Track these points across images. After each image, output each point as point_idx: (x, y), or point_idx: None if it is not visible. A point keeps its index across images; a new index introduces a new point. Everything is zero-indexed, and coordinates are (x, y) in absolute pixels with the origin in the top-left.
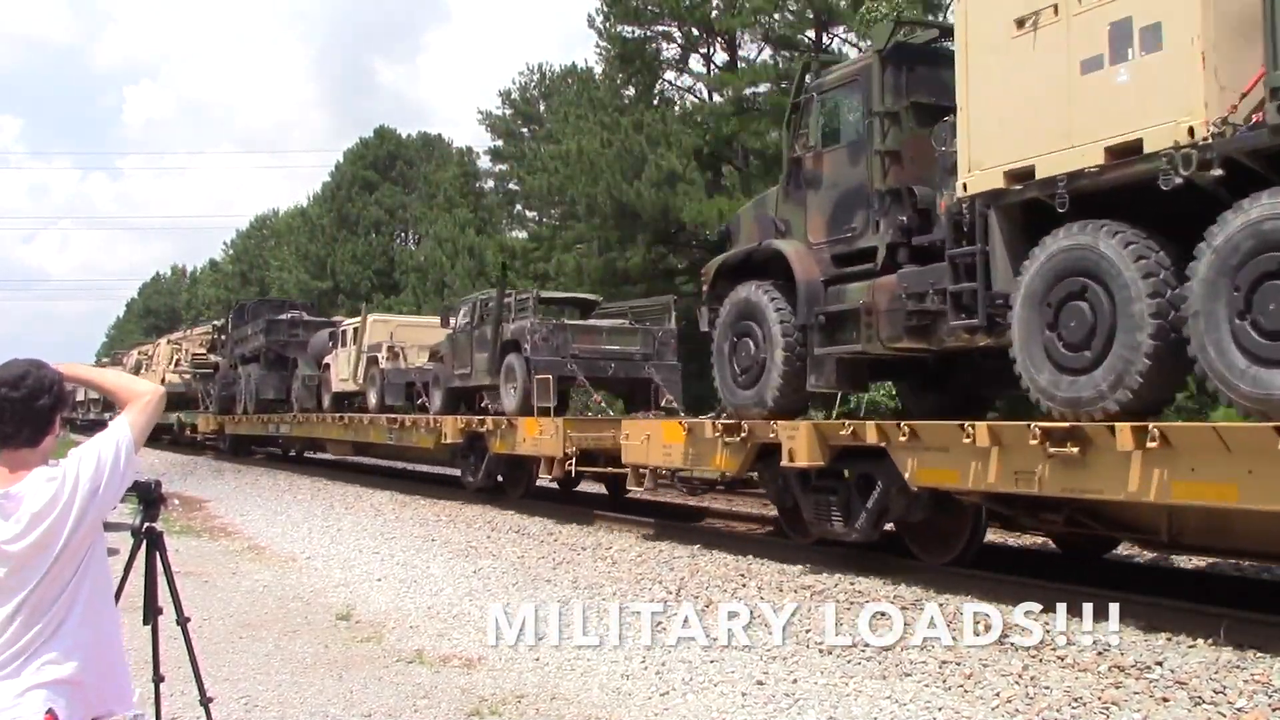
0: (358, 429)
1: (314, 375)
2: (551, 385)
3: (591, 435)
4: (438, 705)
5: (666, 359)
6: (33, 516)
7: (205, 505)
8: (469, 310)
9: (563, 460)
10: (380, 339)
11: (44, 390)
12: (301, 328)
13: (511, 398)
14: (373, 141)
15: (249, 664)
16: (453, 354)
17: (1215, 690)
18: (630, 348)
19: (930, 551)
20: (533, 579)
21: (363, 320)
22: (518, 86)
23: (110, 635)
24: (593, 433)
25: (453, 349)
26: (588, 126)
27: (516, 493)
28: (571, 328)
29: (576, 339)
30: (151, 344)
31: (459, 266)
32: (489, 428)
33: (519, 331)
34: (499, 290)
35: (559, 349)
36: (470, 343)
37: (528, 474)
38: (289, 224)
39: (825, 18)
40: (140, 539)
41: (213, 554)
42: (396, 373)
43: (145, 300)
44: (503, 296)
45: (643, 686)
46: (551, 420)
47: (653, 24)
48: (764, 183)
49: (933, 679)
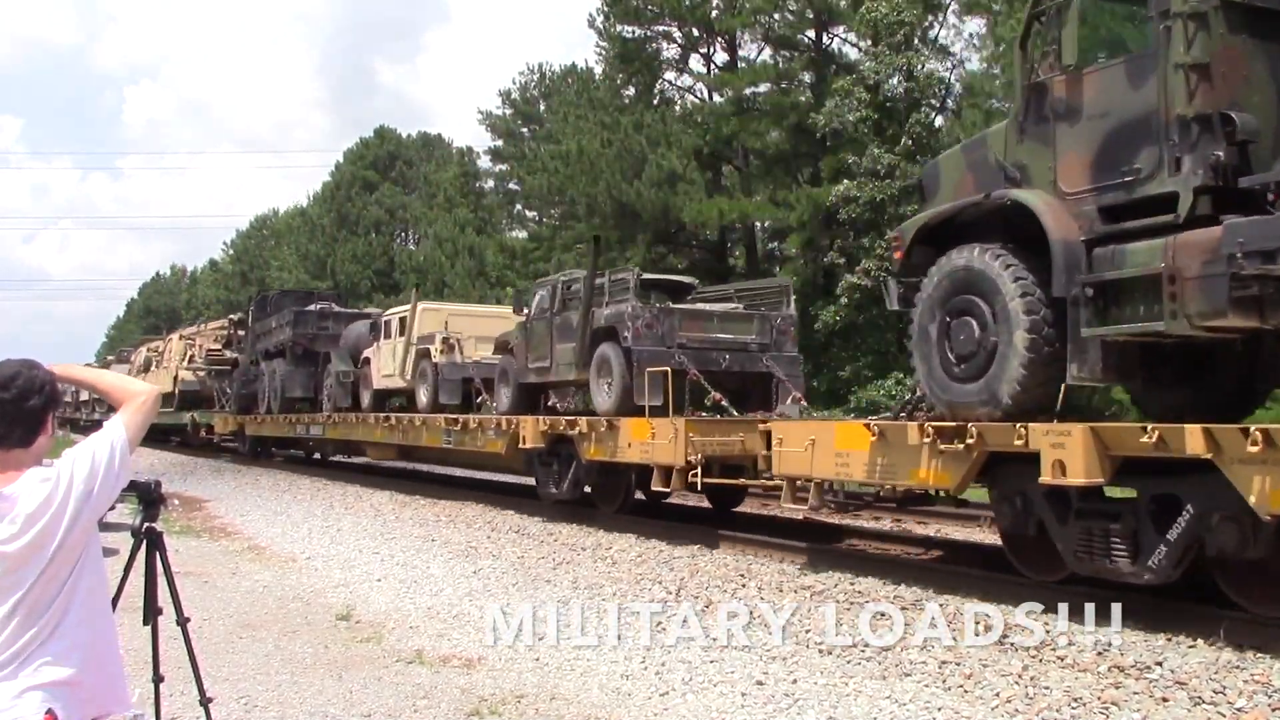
0: (407, 431)
1: (349, 371)
2: (665, 381)
3: (718, 440)
4: (438, 705)
5: (786, 349)
6: (27, 518)
7: (205, 505)
8: (548, 294)
9: (684, 470)
10: (433, 329)
11: (35, 390)
12: (331, 320)
13: (605, 395)
14: (373, 141)
15: (249, 664)
16: (526, 345)
17: (1215, 690)
18: (745, 336)
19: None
20: (533, 579)
21: (412, 309)
22: (518, 86)
23: (107, 636)
24: (719, 436)
25: (526, 339)
26: (588, 126)
27: (610, 506)
28: (679, 313)
29: (683, 326)
30: (161, 340)
31: (459, 266)
32: (581, 430)
33: (616, 317)
34: (589, 269)
35: (664, 338)
36: (550, 331)
37: (625, 485)
38: (289, 224)
39: (825, 18)
40: (140, 539)
41: (213, 554)
42: (452, 367)
43: (145, 300)
44: (594, 276)
45: (643, 686)
46: (669, 422)
47: (653, 24)
48: (764, 183)
49: (933, 679)
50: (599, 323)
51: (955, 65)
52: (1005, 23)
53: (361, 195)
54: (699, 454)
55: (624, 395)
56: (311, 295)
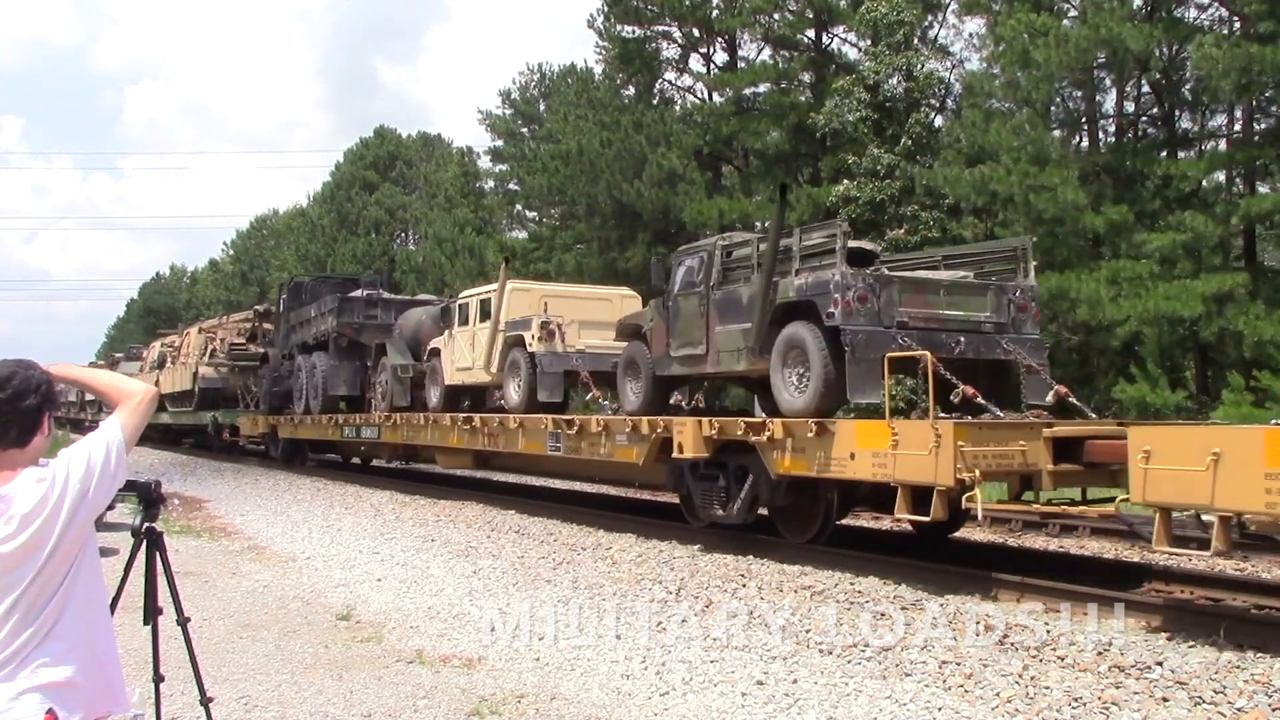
0: (495, 435)
1: (409, 365)
2: (883, 371)
3: (993, 451)
4: (438, 705)
5: (1027, 330)
6: (23, 518)
7: (205, 505)
8: (699, 263)
9: (948, 493)
10: (526, 313)
11: (31, 390)
12: (380, 307)
13: (793, 390)
14: (373, 141)
15: (249, 664)
16: (666, 328)
17: (1215, 690)
18: (978, 314)
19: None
20: (533, 579)
21: (500, 288)
22: (518, 86)
23: (105, 636)
24: (994, 446)
25: (667, 321)
26: (588, 126)
27: (801, 535)
28: (899, 283)
29: (905, 300)
30: (177, 334)
31: (459, 266)
32: (772, 435)
33: (816, 288)
34: (774, 226)
35: (880, 315)
36: (704, 310)
37: (824, 506)
38: (289, 224)
39: (825, 18)
40: (140, 539)
41: (213, 554)
42: (553, 358)
43: (145, 300)
44: (780, 235)
45: (643, 686)
46: (927, 426)
47: (653, 24)
48: (764, 183)
49: (933, 679)
50: (787, 296)
51: (955, 65)
52: (1005, 23)
53: (361, 195)
54: (974, 470)
55: (826, 390)
56: (354, 281)
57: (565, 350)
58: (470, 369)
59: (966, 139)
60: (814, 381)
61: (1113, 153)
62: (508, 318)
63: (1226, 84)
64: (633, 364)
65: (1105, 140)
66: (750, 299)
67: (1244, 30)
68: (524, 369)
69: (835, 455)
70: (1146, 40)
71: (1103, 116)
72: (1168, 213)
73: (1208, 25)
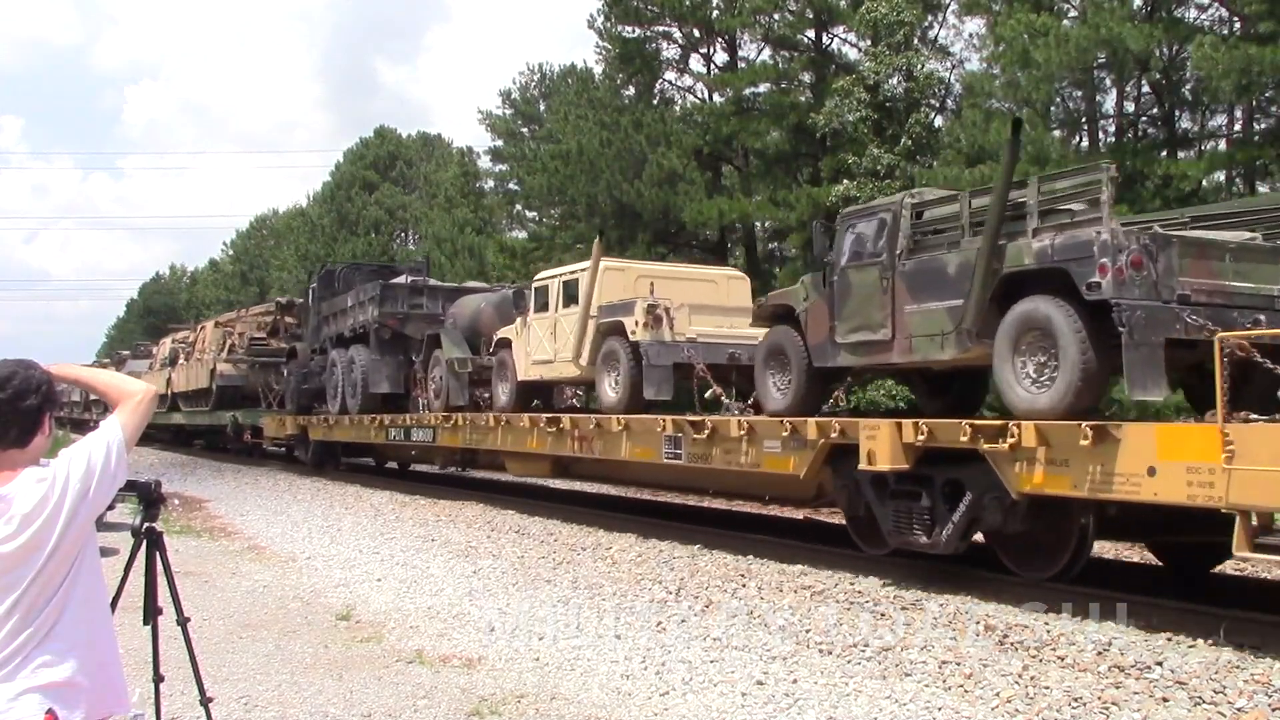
0: (587, 440)
1: (468, 359)
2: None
3: None
4: (438, 705)
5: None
6: (23, 518)
7: (205, 505)
8: (875, 229)
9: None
10: (624, 296)
11: (31, 390)
12: (425, 296)
13: (1027, 385)
14: (373, 141)
15: (249, 664)
16: (829, 310)
17: (1215, 690)
18: (1271, 285)
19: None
20: (533, 579)
21: (593, 266)
22: (518, 86)
23: (105, 636)
24: None
25: (830, 300)
26: (588, 126)
27: (1044, 570)
28: (1179, 244)
29: (1187, 268)
30: (190, 329)
31: (459, 266)
32: (1015, 442)
33: (1072, 249)
34: (1006, 170)
35: (1158, 286)
36: (887, 285)
37: (1076, 533)
38: (289, 224)
39: (825, 18)
40: (140, 539)
41: (213, 554)
42: (661, 348)
43: (145, 300)
44: (1009, 186)
45: (643, 686)
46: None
47: (653, 24)
48: (764, 183)
49: (933, 679)
50: (1021, 262)
51: (955, 65)
52: (1005, 23)
53: (361, 195)
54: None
55: (1084, 384)
56: (390, 268)
57: (675, 339)
58: (551, 361)
59: (966, 139)
60: (1065, 372)
61: (1113, 153)
62: (601, 302)
63: (1226, 84)
64: (778, 353)
65: (1105, 140)
66: (960, 269)
67: (1244, 30)
68: (624, 361)
69: (1121, 470)
70: (1146, 40)
71: (1103, 116)
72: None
73: (1208, 25)
